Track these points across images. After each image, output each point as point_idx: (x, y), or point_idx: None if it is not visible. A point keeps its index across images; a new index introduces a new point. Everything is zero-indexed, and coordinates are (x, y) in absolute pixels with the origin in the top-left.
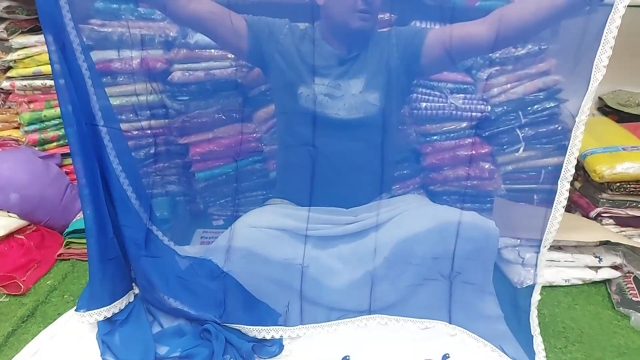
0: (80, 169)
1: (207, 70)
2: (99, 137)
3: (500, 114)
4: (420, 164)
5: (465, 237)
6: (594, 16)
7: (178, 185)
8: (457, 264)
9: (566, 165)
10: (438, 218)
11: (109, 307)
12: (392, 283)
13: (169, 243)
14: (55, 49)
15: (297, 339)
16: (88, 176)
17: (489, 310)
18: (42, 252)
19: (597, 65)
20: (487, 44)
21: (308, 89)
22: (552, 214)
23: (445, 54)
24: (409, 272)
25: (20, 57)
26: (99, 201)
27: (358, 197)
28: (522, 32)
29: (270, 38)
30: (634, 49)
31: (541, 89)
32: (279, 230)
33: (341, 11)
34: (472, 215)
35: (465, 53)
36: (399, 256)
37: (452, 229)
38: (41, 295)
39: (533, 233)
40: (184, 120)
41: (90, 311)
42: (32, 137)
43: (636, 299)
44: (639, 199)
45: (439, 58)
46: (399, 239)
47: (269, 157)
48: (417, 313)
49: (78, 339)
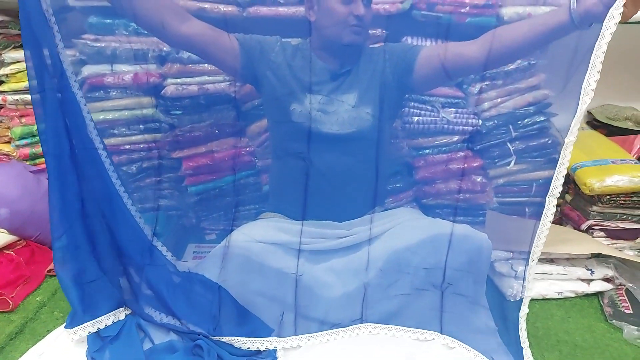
0: (56, 190)
1: (200, 85)
2: (96, 155)
3: (491, 127)
4: (413, 177)
5: (457, 249)
6: (582, 35)
7: (170, 199)
8: (449, 276)
9: (554, 183)
10: (431, 230)
11: (93, 322)
12: (384, 293)
13: (167, 254)
14: (32, 64)
15: (291, 350)
16: (63, 197)
17: (482, 323)
18: (32, 268)
19: (585, 89)
20: (478, 64)
21: (300, 105)
22: (539, 227)
23: (438, 72)
24: (402, 282)
25: (13, 72)
26: (75, 224)
27: (351, 211)
28: (513, 53)
29: (262, 56)
30: (621, 65)
31: (531, 103)
32: (272, 244)
33: (333, 26)
34: (464, 228)
35: (457, 72)
36: (392, 267)
37: (444, 241)
38: (30, 311)
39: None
40: (177, 135)
41: (74, 327)
42: (24, 152)
43: (628, 312)
44: (629, 212)
45: (431, 76)
46: (392, 251)
47: (262, 171)
48: (409, 323)
49: (67, 356)
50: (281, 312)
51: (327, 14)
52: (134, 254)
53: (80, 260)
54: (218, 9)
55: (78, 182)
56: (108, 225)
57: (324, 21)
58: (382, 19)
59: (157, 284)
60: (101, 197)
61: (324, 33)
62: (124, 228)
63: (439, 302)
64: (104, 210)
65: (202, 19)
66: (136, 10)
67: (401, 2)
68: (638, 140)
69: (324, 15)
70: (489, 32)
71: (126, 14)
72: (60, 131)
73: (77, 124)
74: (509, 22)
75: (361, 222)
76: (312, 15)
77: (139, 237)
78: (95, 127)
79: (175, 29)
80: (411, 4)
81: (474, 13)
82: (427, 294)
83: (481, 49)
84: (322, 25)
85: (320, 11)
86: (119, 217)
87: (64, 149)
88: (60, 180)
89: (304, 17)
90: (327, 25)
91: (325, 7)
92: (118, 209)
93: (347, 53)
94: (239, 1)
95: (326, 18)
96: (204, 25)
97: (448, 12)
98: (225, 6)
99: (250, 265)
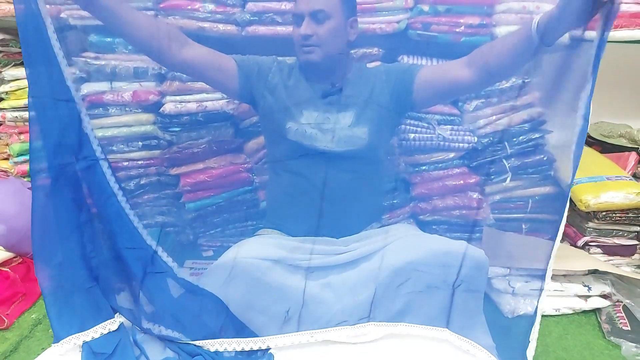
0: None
1: (199, 102)
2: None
3: (487, 144)
4: (410, 193)
5: (454, 266)
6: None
7: (168, 215)
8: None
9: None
10: (428, 247)
11: (79, 335)
12: (382, 309)
13: (167, 259)
14: (33, 80)
15: (287, 350)
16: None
17: (480, 340)
18: (28, 285)
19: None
20: (473, 85)
21: (296, 123)
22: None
23: (435, 92)
24: (399, 300)
25: (13, 89)
26: (71, 237)
27: (348, 227)
28: (501, 69)
29: (260, 77)
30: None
31: (526, 120)
32: (270, 260)
33: (296, 47)
34: (461, 244)
35: (453, 94)
36: (389, 285)
37: (441, 258)
38: (25, 329)
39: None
40: (175, 151)
41: (60, 341)
42: (22, 168)
43: (626, 328)
44: (625, 228)
45: (429, 96)
46: (390, 269)
47: (259, 188)
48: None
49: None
50: (279, 327)
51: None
52: (134, 262)
53: (70, 272)
54: (217, 28)
55: (74, 195)
56: (108, 235)
57: (294, 42)
58: (379, 38)
59: (159, 293)
60: (102, 207)
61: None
62: (125, 237)
63: (439, 317)
64: (105, 221)
65: (201, 38)
66: (136, 36)
67: (397, 22)
68: (632, 157)
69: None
70: (475, 51)
71: (127, 40)
72: (60, 147)
73: (81, 139)
74: None
75: (358, 238)
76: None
77: (140, 246)
78: (99, 144)
79: (174, 54)
80: (407, 23)
81: (469, 32)
82: (428, 307)
83: (472, 70)
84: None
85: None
86: (120, 227)
87: (65, 164)
88: (57, 196)
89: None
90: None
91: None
92: (120, 218)
93: (325, 72)
94: (238, 20)
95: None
96: (202, 49)
97: (443, 32)
98: (225, 25)
99: (248, 282)
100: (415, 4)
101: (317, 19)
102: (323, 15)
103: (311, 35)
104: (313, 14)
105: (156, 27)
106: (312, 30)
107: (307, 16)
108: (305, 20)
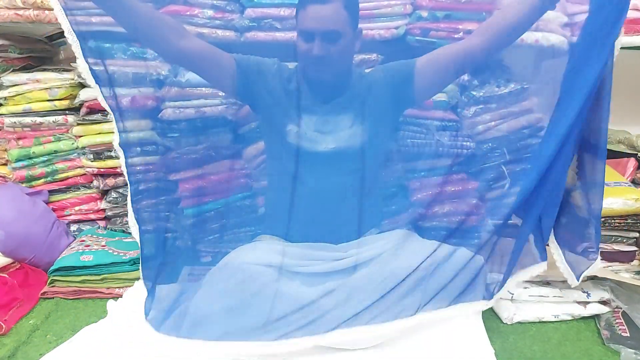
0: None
1: (197, 108)
2: None
3: (486, 150)
4: (408, 199)
5: (453, 271)
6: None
7: (166, 221)
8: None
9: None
10: (427, 253)
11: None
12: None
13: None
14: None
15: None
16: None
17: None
18: (25, 291)
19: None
20: (481, 50)
21: (296, 126)
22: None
23: (440, 72)
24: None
25: (11, 95)
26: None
27: (347, 233)
28: (509, 33)
29: (259, 76)
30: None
31: (525, 126)
32: (268, 266)
33: (301, 60)
34: (460, 250)
35: (461, 65)
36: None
37: (440, 263)
38: (23, 335)
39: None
40: (174, 157)
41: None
42: (20, 174)
43: (625, 335)
44: (624, 234)
45: (433, 78)
46: (389, 274)
47: (258, 193)
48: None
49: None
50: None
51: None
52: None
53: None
54: (216, 33)
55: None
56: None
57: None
58: (377, 44)
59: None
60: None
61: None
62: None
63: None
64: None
65: None
66: (137, 24)
67: (396, 28)
68: (631, 163)
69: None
70: (482, 23)
71: (126, 28)
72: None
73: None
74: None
75: (357, 244)
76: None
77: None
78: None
79: (173, 44)
80: (405, 29)
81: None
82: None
83: (480, 38)
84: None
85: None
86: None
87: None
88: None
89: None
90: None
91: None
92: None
93: (331, 84)
94: (237, 26)
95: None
96: (202, 43)
97: (442, 38)
98: (223, 31)
99: (246, 288)
100: (414, 9)
101: (330, 39)
102: (336, 36)
103: (325, 56)
104: (325, 35)
105: (156, 16)
106: (327, 52)
107: (319, 36)
108: (317, 41)
